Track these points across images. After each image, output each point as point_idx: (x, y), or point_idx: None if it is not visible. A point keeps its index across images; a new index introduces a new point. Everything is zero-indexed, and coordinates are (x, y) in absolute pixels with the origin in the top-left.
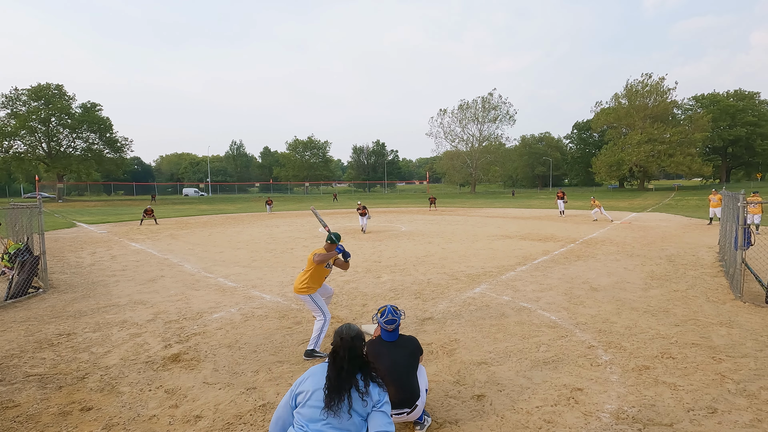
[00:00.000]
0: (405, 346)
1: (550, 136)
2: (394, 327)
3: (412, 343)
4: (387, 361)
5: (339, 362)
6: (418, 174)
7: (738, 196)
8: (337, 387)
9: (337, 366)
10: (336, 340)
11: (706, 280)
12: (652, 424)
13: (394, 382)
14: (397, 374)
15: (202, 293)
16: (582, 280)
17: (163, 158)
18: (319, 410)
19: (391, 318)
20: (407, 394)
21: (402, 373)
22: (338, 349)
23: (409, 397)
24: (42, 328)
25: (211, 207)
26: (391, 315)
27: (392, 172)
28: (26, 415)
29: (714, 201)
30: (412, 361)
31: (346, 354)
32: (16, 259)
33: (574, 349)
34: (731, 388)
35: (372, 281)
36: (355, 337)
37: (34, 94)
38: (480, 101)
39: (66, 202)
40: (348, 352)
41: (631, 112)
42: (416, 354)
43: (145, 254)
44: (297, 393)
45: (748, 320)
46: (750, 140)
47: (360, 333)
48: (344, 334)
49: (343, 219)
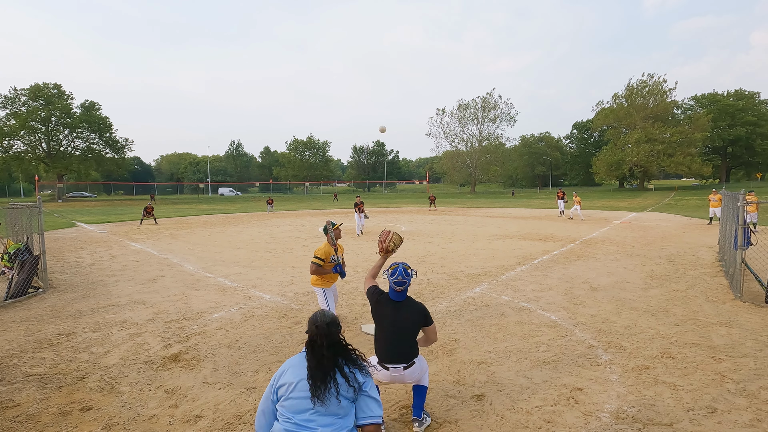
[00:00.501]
0: (409, 311)
1: (550, 135)
2: (403, 289)
3: (416, 311)
4: (389, 320)
5: (318, 350)
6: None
7: (738, 195)
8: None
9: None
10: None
11: (705, 279)
12: (652, 423)
13: (392, 341)
14: (396, 334)
15: (202, 293)
16: (582, 280)
17: (163, 158)
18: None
19: (401, 280)
20: (404, 350)
21: (401, 334)
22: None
23: (405, 354)
24: (42, 327)
25: (210, 207)
26: (402, 276)
27: (392, 172)
28: (26, 414)
29: (714, 201)
30: (413, 328)
31: (324, 341)
32: (15, 259)
33: (573, 349)
34: (731, 388)
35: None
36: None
37: (33, 93)
38: (479, 101)
39: (66, 202)
40: (326, 339)
41: (631, 112)
42: (418, 323)
43: (144, 254)
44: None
45: (748, 320)
46: (750, 140)
47: (335, 319)
48: (319, 322)
49: (344, 219)
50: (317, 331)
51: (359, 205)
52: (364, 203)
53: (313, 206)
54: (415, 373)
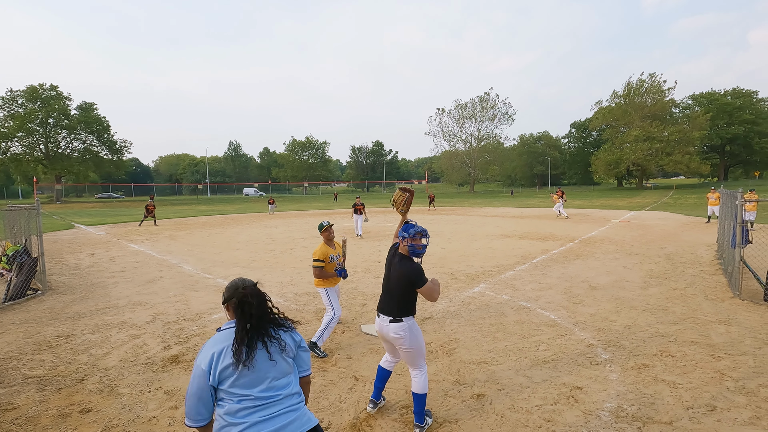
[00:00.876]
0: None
1: (549, 135)
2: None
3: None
4: (386, 271)
5: (248, 310)
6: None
7: (736, 194)
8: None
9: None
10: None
11: (704, 278)
12: (652, 422)
13: (383, 291)
14: (386, 286)
15: (201, 294)
16: (581, 279)
17: (162, 159)
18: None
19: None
20: (390, 305)
21: (389, 288)
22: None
23: (390, 309)
24: (41, 329)
25: (209, 207)
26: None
27: (391, 172)
28: (25, 417)
29: (712, 199)
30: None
31: (255, 300)
32: (14, 260)
33: (573, 348)
34: (730, 386)
35: (372, 281)
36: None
37: (30, 95)
38: (478, 101)
39: (64, 204)
40: (256, 298)
41: (629, 111)
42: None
43: (144, 255)
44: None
45: (747, 318)
46: (748, 138)
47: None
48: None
49: (343, 219)
50: (246, 291)
51: (358, 207)
52: (365, 205)
53: (312, 207)
54: (399, 333)
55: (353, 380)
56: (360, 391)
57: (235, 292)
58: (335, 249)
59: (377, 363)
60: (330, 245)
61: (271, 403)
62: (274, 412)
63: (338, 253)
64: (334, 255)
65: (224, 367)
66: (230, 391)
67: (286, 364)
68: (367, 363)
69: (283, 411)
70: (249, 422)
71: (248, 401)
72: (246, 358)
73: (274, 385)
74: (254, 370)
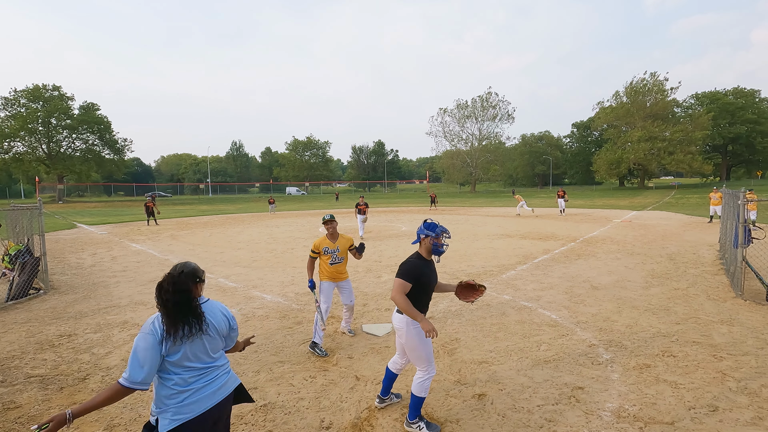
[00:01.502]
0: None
1: (550, 134)
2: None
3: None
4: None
5: (162, 295)
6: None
7: (738, 194)
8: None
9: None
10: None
11: (706, 278)
12: (654, 422)
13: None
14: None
15: (203, 294)
16: (583, 279)
17: (164, 159)
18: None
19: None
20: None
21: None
22: (162, 282)
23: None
24: (43, 329)
25: (211, 207)
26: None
27: (392, 172)
28: (28, 416)
29: (714, 199)
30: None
31: (170, 287)
32: (16, 260)
33: (575, 348)
34: (732, 386)
35: (373, 281)
36: (182, 273)
37: (32, 95)
38: (478, 100)
39: (66, 203)
40: (172, 285)
41: (631, 111)
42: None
43: (145, 255)
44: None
45: (749, 318)
46: (750, 138)
47: (194, 271)
48: (173, 270)
49: (344, 219)
50: (166, 278)
51: (361, 207)
52: (368, 205)
53: (313, 206)
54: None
55: (354, 380)
56: (361, 390)
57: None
58: (335, 243)
59: (378, 363)
60: (330, 239)
61: (210, 371)
62: (212, 377)
63: (337, 247)
64: (330, 248)
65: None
66: (178, 364)
67: (220, 341)
68: (368, 363)
69: (218, 375)
70: (195, 387)
71: (193, 372)
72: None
73: (212, 357)
74: (196, 345)
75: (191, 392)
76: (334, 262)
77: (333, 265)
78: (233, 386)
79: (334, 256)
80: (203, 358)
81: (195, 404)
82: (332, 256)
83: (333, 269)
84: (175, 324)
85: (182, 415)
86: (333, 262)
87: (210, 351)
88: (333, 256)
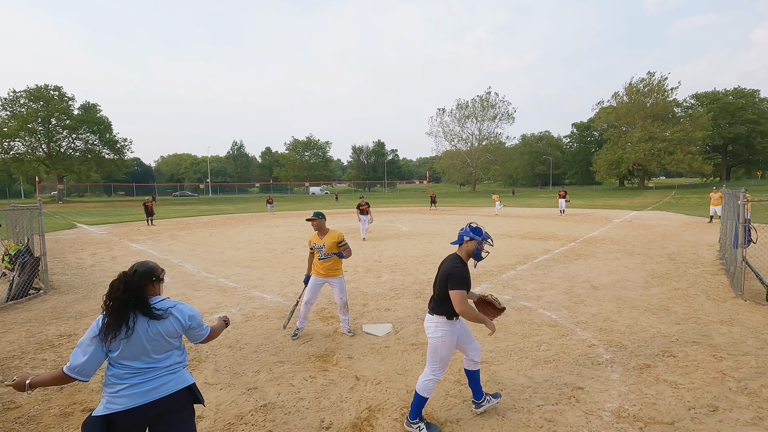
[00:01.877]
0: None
1: (550, 134)
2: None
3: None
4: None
5: (112, 293)
6: (418, 173)
7: (738, 194)
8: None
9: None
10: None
11: (706, 278)
12: (654, 422)
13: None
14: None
15: (203, 294)
16: (583, 279)
17: (163, 159)
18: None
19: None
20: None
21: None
22: (114, 282)
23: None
24: (43, 329)
25: (211, 207)
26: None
27: (392, 172)
28: (28, 416)
29: (714, 199)
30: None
31: (121, 286)
32: (16, 260)
33: (574, 348)
34: (732, 387)
35: (373, 281)
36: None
37: (33, 95)
38: (478, 100)
39: (66, 203)
40: (123, 285)
41: (631, 111)
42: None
43: (145, 255)
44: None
45: (749, 318)
46: (750, 138)
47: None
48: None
49: (344, 219)
50: (119, 277)
51: (363, 207)
52: (369, 204)
53: (313, 206)
54: (428, 329)
55: (354, 380)
56: (361, 390)
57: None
58: (322, 239)
59: (378, 363)
60: (320, 235)
61: (149, 371)
62: (150, 376)
63: (324, 243)
64: (317, 244)
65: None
66: (117, 360)
67: (167, 344)
68: (368, 363)
69: (159, 375)
70: (129, 383)
71: (129, 369)
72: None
73: (153, 358)
74: (134, 346)
75: (125, 387)
76: (322, 257)
77: (321, 261)
78: (178, 387)
79: (321, 252)
80: (142, 358)
81: (126, 398)
82: (320, 252)
83: (321, 265)
84: (114, 325)
85: (113, 405)
86: (321, 257)
87: (151, 352)
88: (320, 252)
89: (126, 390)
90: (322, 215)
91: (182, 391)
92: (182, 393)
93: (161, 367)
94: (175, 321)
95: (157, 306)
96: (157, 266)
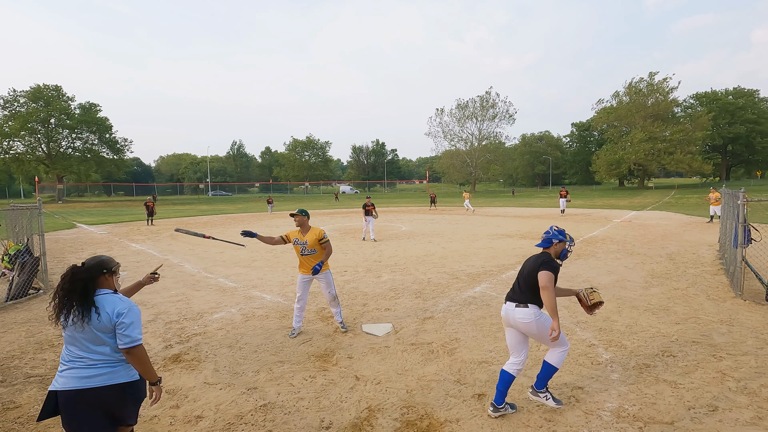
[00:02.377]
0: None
1: (550, 134)
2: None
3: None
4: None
5: (60, 284)
6: (418, 173)
7: (738, 194)
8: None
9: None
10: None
11: (706, 278)
12: (653, 422)
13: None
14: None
15: (203, 293)
16: (582, 279)
17: (163, 159)
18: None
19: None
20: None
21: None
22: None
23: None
24: (43, 329)
25: (210, 207)
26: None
27: (392, 172)
28: (27, 416)
29: (712, 199)
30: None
31: (69, 276)
32: (16, 260)
33: (574, 348)
34: (732, 386)
35: (372, 281)
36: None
37: (32, 95)
38: (478, 100)
39: (66, 203)
40: (70, 275)
41: (631, 111)
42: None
43: (145, 255)
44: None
45: (749, 318)
46: (750, 138)
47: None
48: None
49: (344, 219)
50: (70, 267)
51: (368, 207)
52: (375, 206)
53: (313, 206)
54: (526, 320)
55: (354, 380)
56: (361, 390)
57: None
58: (304, 236)
59: (378, 363)
60: (302, 231)
61: (84, 359)
62: (82, 365)
63: (306, 240)
64: (300, 240)
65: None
66: (65, 343)
67: (100, 335)
68: (368, 363)
69: (91, 365)
70: (68, 366)
71: (71, 354)
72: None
73: (88, 347)
74: (71, 332)
75: (65, 368)
76: (305, 253)
77: (305, 256)
78: (114, 381)
79: (304, 248)
80: (78, 346)
81: (65, 380)
82: (302, 248)
83: (305, 260)
84: (58, 311)
85: (56, 383)
86: (303, 253)
87: (86, 342)
88: (302, 248)
89: (65, 372)
90: (305, 212)
91: (116, 387)
92: (117, 389)
93: (93, 359)
94: (105, 315)
95: (96, 299)
96: (110, 259)
